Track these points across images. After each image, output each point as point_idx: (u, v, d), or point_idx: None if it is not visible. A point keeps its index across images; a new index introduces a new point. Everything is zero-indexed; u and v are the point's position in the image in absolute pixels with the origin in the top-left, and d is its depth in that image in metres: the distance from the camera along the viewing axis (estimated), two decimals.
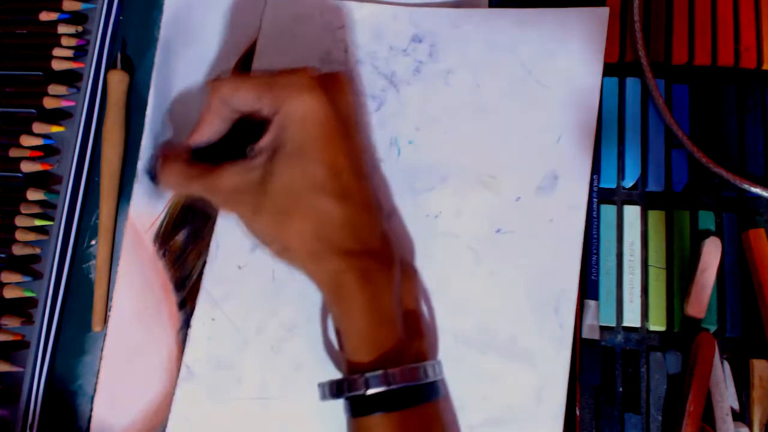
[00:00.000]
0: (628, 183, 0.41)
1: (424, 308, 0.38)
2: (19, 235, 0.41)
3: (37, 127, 0.43)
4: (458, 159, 0.40)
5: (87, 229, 0.43)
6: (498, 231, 0.39)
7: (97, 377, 0.40)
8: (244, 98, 0.35)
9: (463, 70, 0.42)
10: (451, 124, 0.41)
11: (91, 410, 0.40)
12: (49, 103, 0.43)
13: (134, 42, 0.46)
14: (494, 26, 0.42)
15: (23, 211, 0.41)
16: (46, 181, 0.43)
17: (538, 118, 0.40)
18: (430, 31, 0.42)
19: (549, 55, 0.41)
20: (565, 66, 0.41)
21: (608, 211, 0.40)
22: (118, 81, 0.44)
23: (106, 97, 0.44)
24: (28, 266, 0.41)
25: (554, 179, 0.39)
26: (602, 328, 0.39)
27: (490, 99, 0.41)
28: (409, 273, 0.38)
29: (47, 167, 0.42)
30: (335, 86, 0.36)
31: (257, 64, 0.43)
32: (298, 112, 0.34)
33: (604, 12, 0.41)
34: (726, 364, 0.38)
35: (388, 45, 0.42)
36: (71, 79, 0.44)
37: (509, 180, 0.40)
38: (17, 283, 0.40)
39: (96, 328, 0.41)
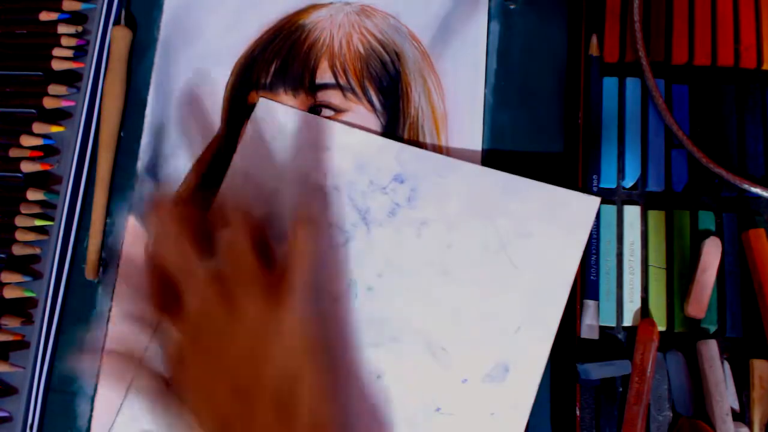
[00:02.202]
0: (628, 183, 0.41)
1: None
2: (19, 235, 0.41)
3: (37, 127, 0.43)
4: (414, 320, 0.38)
5: (87, 229, 0.43)
6: (438, 410, 0.37)
7: (97, 377, 0.40)
8: None
9: (438, 225, 0.40)
10: (414, 280, 0.39)
11: (91, 410, 0.40)
12: (49, 103, 0.43)
13: (134, 42, 0.46)
14: (480, 186, 0.40)
15: (23, 211, 0.41)
16: (46, 181, 0.43)
17: (502, 301, 0.38)
18: (413, 174, 0.40)
19: (527, 234, 0.39)
20: (541, 250, 0.39)
21: (608, 211, 0.40)
22: (121, 37, 0.45)
23: (109, 53, 0.45)
24: (28, 266, 0.41)
25: (505, 371, 0.37)
26: (602, 328, 0.39)
27: (458, 265, 0.39)
28: None
29: (47, 167, 0.42)
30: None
31: (232, 170, 0.41)
32: None
33: (594, 202, 0.39)
34: (726, 364, 0.38)
35: (368, 179, 0.41)
36: (71, 79, 0.44)
37: (460, 357, 0.38)
38: (17, 283, 0.40)
39: (90, 276, 0.42)
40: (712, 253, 0.39)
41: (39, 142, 0.42)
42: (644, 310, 0.39)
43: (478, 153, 0.42)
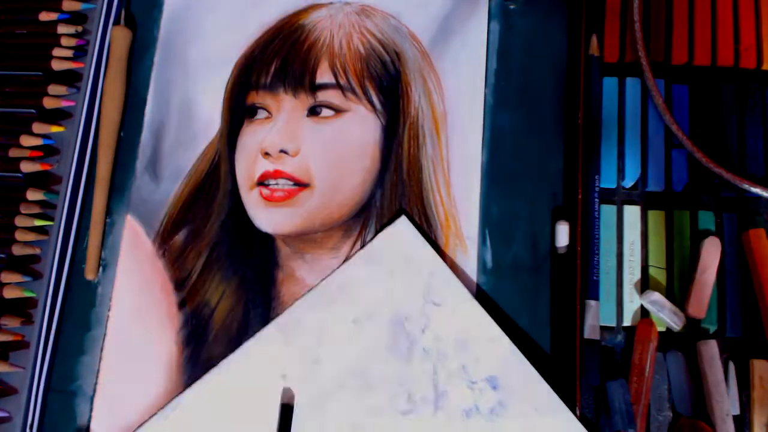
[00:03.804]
0: (628, 183, 0.41)
1: None
2: (19, 235, 0.41)
3: (37, 127, 0.43)
4: None
5: (87, 229, 0.43)
6: None
7: (97, 377, 0.40)
8: None
9: None
10: None
11: (91, 410, 0.40)
12: (49, 103, 0.43)
13: (134, 42, 0.46)
14: None
15: (23, 211, 0.41)
16: (46, 181, 0.43)
17: None
18: (511, 389, 0.37)
19: None
20: None
21: (608, 211, 0.40)
22: (121, 37, 0.45)
23: (109, 53, 0.45)
24: (28, 266, 0.41)
25: None
26: (602, 328, 0.39)
27: None
28: None
29: (47, 167, 0.42)
30: None
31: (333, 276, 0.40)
32: None
33: None
34: (731, 364, 0.38)
35: (462, 362, 0.37)
36: (71, 79, 0.44)
37: None
38: (17, 283, 0.40)
39: (89, 276, 0.42)
40: (712, 253, 0.39)
41: (39, 142, 0.42)
42: (644, 310, 0.39)
43: (478, 156, 0.42)
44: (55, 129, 0.43)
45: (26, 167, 0.42)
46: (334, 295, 0.39)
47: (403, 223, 0.40)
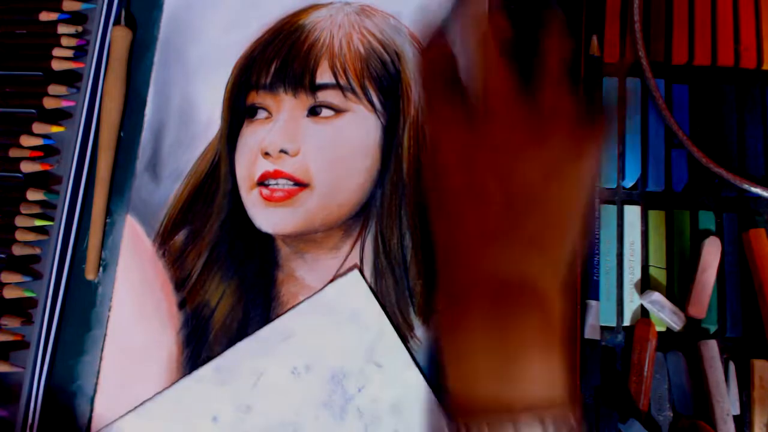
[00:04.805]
0: (628, 183, 0.41)
1: None
2: (19, 235, 0.41)
3: (37, 127, 0.43)
4: None
5: (87, 229, 0.43)
6: None
7: (97, 377, 0.40)
8: None
9: None
10: None
11: (91, 410, 0.40)
12: (49, 103, 0.43)
13: (134, 42, 0.46)
14: None
15: (23, 211, 0.41)
16: (46, 181, 0.43)
17: None
18: None
19: None
20: None
21: (608, 211, 0.40)
22: (121, 37, 0.45)
23: (109, 53, 0.45)
24: (28, 266, 0.41)
25: None
26: (602, 328, 0.39)
27: None
28: None
29: (47, 167, 0.42)
30: None
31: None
32: None
33: None
34: (731, 364, 0.38)
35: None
36: (71, 79, 0.44)
37: None
38: (17, 283, 0.40)
39: (89, 276, 0.42)
40: (712, 253, 0.39)
41: (39, 142, 0.42)
42: (644, 310, 0.39)
43: None
44: (55, 129, 0.43)
45: (26, 167, 0.42)
46: (276, 343, 0.39)
47: (354, 277, 0.40)
